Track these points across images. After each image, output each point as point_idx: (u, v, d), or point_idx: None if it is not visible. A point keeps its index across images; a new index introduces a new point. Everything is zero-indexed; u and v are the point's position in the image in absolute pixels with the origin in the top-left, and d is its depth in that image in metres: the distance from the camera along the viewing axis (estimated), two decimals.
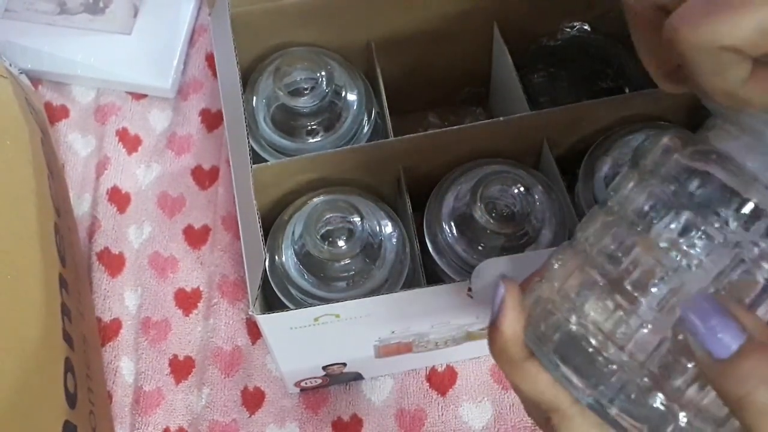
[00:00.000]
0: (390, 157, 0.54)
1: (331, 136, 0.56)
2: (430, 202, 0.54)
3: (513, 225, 0.51)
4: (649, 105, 0.55)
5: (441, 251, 0.52)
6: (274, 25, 0.58)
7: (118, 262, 0.64)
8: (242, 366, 0.60)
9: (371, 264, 0.51)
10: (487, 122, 0.54)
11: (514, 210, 0.52)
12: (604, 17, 0.62)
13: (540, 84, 0.63)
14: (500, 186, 0.52)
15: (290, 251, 0.51)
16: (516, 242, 0.51)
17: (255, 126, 0.56)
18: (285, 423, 0.58)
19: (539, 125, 0.54)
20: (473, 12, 0.60)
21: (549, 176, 0.54)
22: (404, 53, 0.61)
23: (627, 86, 0.61)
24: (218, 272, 0.63)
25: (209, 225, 0.65)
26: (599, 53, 0.62)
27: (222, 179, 0.67)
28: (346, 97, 0.57)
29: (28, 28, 0.70)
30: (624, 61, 0.62)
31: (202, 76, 0.71)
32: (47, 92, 0.71)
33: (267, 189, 0.53)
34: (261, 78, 0.57)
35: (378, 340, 0.52)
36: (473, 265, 0.46)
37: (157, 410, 0.59)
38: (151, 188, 0.67)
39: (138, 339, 0.61)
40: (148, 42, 0.70)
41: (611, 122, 0.55)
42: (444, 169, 0.55)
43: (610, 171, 0.53)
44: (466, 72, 0.64)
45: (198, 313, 0.62)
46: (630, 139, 0.54)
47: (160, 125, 0.70)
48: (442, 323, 0.51)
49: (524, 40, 0.63)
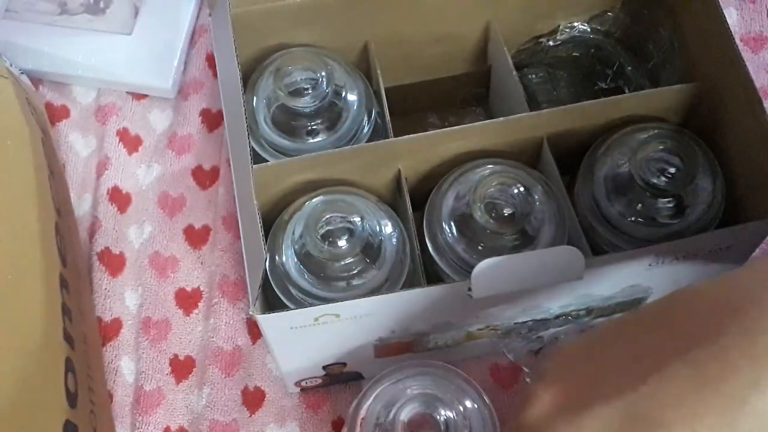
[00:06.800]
0: (390, 157, 0.54)
1: (331, 136, 0.56)
2: (430, 202, 0.54)
3: (513, 225, 0.51)
4: (648, 105, 0.55)
5: (441, 251, 0.52)
6: (274, 25, 0.58)
7: (118, 262, 0.64)
8: (242, 366, 0.60)
9: (371, 264, 0.51)
10: (487, 122, 0.54)
11: (514, 210, 0.52)
12: (604, 17, 0.62)
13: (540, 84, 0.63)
14: (500, 186, 0.52)
15: (290, 251, 0.51)
16: (516, 242, 0.51)
17: (255, 126, 0.56)
18: (285, 423, 0.59)
19: (539, 125, 0.54)
20: (473, 12, 0.60)
21: (549, 176, 0.54)
22: (404, 53, 0.61)
23: (626, 86, 0.61)
24: (219, 272, 0.63)
25: (210, 225, 0.65)
26: (599, 53, 0.63)
27: (222, 179, 0.67)
28: (346, 97, 0.57)
29: (28, 29, 0.71)
30: (623, 61, 0.62)
31: (202, 76, 0.71)
32: (48, 92, 0.71)
33: (267, 189, 0.53)
34: (261, 78, 0.57)
35: (378, 340, 0.52)
36: (473, 265, 0.46)
37: (157, 410, 0.59)
38: (151, 188, 0.67)
39: (138, 339, 0.62)
40: (149, 42, 0.70)
41: (611, 122, 0.55)
42: (444, 169, 0.55)
43: (609, 171, 0.53)
44: (466, 72, 0.64)
45: (198, 313, 0.62)
46: (629, 139, 0.54)
47: (161, 125, 0.70)
48: (442, 323, 0.51)
49: (524, 40, 0.63)
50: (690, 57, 0.56)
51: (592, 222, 0.53)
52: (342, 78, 0.57)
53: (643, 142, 0.53)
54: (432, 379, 0.49)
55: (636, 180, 0.51)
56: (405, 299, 0.47)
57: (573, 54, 0.63)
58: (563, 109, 0.54)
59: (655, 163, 0.52)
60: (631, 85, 0.61)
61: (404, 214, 0.53)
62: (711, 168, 0.53)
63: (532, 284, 0.47)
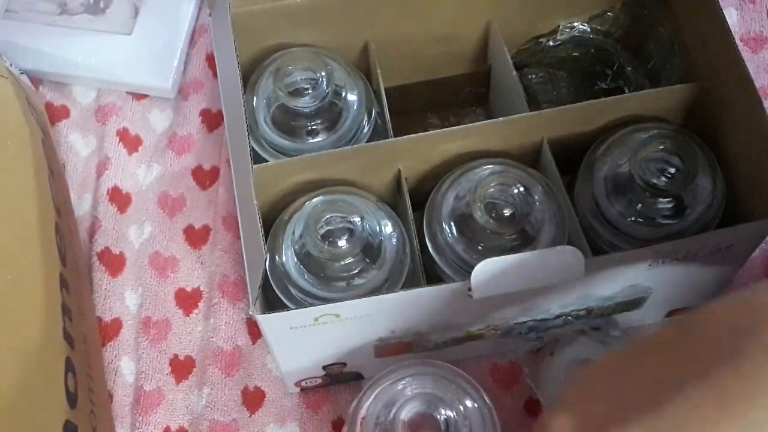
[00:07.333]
0: (390, 157, 0.54)
1: (331, 136, 0.56)
2: (430, 202, 0.54)
3: (513, 225, 0.51)
4: (648, 105, 0.55)
5: (441, 251, 0.52)
6: (274, 25, 0.58)
7: (118, 262, 0.64)
8: (242, 366, 0.60)
9: (371, 264, 0.51)
10: (487, 122, 0.54)
11: (514, 210, 0.52)
12: (604, 17, 0.62)
13: (540, 84, 0.63)
14: (500, 186, 0.52)
15: (290, 251, 0.51)
16: (516, 242, 0.51)
17: (255, 126, 0.56)
18: (285, 423, 0.59)
19: (539, 125, 0.54)
20: (473, 12, 0.60)
21: (549, 176, 0.54)
22: (404, 53, 0.61)
23: (626, 86, 0.61)
24: (219, 272, 0.63)
25: (210, 225, 0.65)
26: (599, 53, 0.63)
27: (222, 179, 0.67)
28: (346, 98, 0.57)
29: (28, 29, 0.71)
30: (623, 61, 0.62)
31: (202, 76, 0.71)
32: (48, 92, 0.71)
33: (267, 189, 0.53)
34: (261, 78, 0.57)
35: (378, 340, 0.52)
36: (473, 265, 0.46)
37: (157, 410, 0.59)
38: (151, 188, 0.67)
39: (138, 339, 0.62)
40: (149, 42, 0.70)
41: (610, 122, 0.55)
42: (444, 169, 0.55)
43: (609, 171, 0.53)
44: (466, 72, 0.64)
45: (198, 313, 0.62)
46: (629, 139, 0.54)
47: (161, 125, 0.70)
48: (442, 323, 0.51)
49: (524, 40, 0.63)
50: (690, 57, 0.56)
51: (592, 222, 0.53)
52: (342, 78, 0.57)
53: (643, 142, 0.53)
54: (432, 378, 0.49)
55: (636, 180, 0.51)
56: (405, 299, 0.47)
57: (573, 54, 0.63)
58: (563, 109, 0.54)
59: (655, 163, 0.52)
60: (631, 85, 0.61)
61: (404, 214, 0.53)
62: (711, 168, 0.53)
63: (532, 284, 0.47)
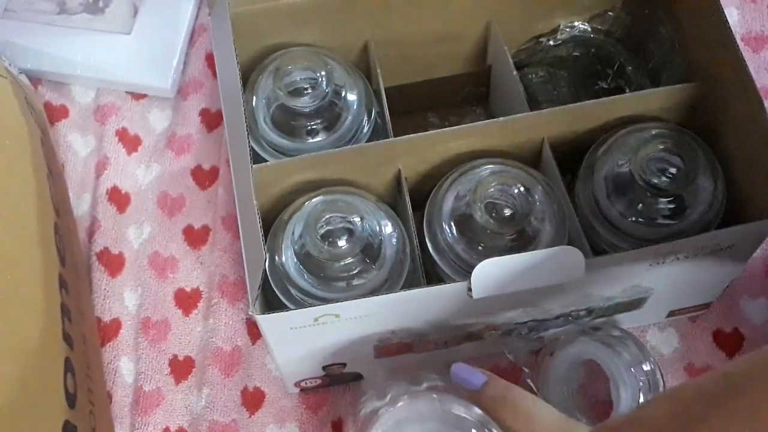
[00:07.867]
0: (390, 157, 0.54)
1: (331, 136, 0.56)
2: (430, 202, 0.54)
3: (513, 225, 0.51)
4: (648, 105, 0.55)
5: (441, 251, 0.52)
6: (274, 25, 0.58)
7: (117, 262, 0.64)
8: (242, 366, 0.60)
9: (371, 264, 0.51)
10: (487, 122, 0.54)
11: (514, 210, 0.52)
12: (604, 17, 0.62)
13: (540, 84, 0.63)
14: (500, 186, 0.52)
15: (290, 251, 0.51)
16: (516, 242, 0.51)
17: (255, 126, 0.56)
18: (285, 423, 0.58)
19: (539, 125, 0.54)
20: (473, 12, 0.60)
21: (549, 176, 0.54)
22: (404, 53, 0.61)
23: (627, 86, 0.61)
24: (218, 272, 0.63)
25: (209, 225, 0.65)
26: (599, 53, 0.63)
27: (222, 179, 0.67)
28: (346, 97, 0.56)
29: (27, 28, 0.70)
30: (624, 61, 0.62)
31: (202, 76, 0.71)
32: (47, 92, 0.71)
33: (267, 189, 0.53)
34: (261, 78, 0.57)
35: (378, 340, 0.52)
36: (473, 265, 0.46)
37: (156, 410, 0.59)
38: (150, 188, 0.67)
39: (138, 339, 0.61)
40: (148, 42, 0.70)
41: (611, 122, 0.55)
42: (444, 169, 0.55)
43: (610, 171, 0.53)
44: (466, 72, 0.64)
45: (198, 313, 0.62)
46: (630, 139, 0.54)
47: (160, 125, 0.70)
48: (442, 323, 0.51)
49: (524, 39, 0.63)
50: (690, 57, 0.56)
51: (592, 222, 0.53)
52: (342, 78, 0.57)
53: (643, 142, 0.52)
54: None
55: (637, 180, 0.51)
56: (405, 299, 0.47)
57: (573, 54, 0.63)
58: (563, 109, 0.54)
59: (655, 162, 0.52)
60: (631, 85, 0.61)
61: (404, 214, 0.53)
62: (712, 168, 0.52)
63: (532, 284, 0.47)
